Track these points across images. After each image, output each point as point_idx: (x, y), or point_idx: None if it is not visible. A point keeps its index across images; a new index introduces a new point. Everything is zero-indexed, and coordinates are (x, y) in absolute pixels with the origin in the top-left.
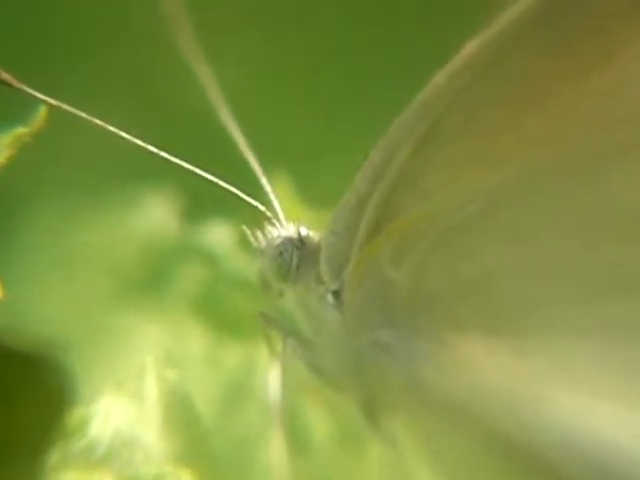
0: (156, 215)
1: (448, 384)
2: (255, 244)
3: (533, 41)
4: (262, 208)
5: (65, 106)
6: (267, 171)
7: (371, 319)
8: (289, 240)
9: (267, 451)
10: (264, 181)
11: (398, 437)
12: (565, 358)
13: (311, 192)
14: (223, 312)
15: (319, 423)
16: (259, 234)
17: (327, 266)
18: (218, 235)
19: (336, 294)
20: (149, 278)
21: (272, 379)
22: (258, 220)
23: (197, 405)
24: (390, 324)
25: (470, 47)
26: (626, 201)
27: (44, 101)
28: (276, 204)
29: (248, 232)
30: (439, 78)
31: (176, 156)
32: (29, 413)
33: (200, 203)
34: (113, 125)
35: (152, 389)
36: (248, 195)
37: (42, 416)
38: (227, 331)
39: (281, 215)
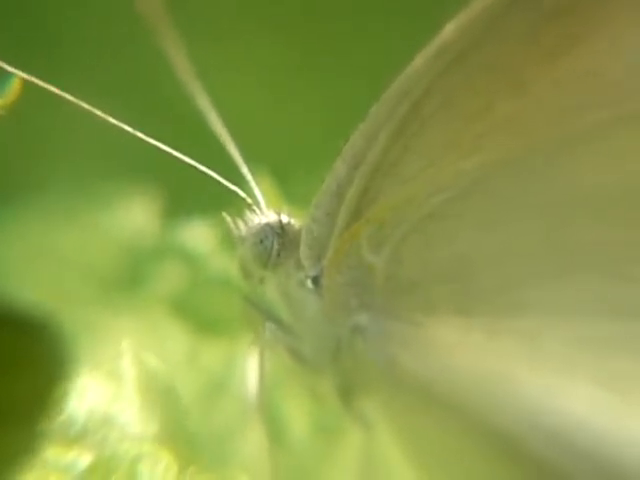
0: (136, 215)
1: (423, 367)
2: (236, 231)
3: (504, 28)
4: (242, 194)
5: (36, 80)
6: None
7: (349, 304)
8: (270, 227)
9: (246, 436)
10: (245, 169)
11: (373, 421)
12: (534, 337)
13: (295, 192)
14: (203, 311)
15: (297, 415)
16: (240, 222)
17: (307, 252)
18: (198, 235)
19: (315, 280)
20: (129, 278)
21: (250, 366)
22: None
23: (175, 387)
24: (368, 309)
25: (446, 32)
26: (591, 184)
27: (16, 74)
28: (257, 191)
29: (229, 219)
30: (417, 63)
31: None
32: (15, 389)
33: (180, 203)
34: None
35: (129, 370)
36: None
37: (30, 391)
38: (207, 330)
39: (262, 202)
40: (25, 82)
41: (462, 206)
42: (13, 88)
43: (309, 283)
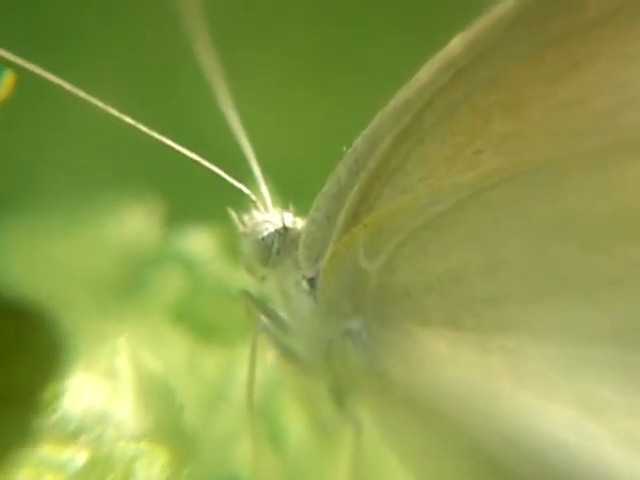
0: (136, 222)
1: (410, 376)
2: (241, 228)
3: (507, 47)
4: (247, 191)
5: (27, 65)
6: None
7: (342, 308)
8: (272, 224)
9: (245, 438)
10: (255, 167)
11: (365, 422)
12: (520, 357)
13: (300, 202)
14: (203, 319)
15: (295, 417)
16: (244, 218)
17: (305, 253)
18: (198, 242)
19: (311, 281)
20: (129, 284)
21: (250, 368)
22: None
23: (174, 388)
24: (359, 314)
25: (452, 46)
26: (578, 207)
27: (10, 66)
28: (264, 188)
29: (234, 215)
30: (422, 74)
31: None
32: (10, 386)
33: (180, 210)
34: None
35: (126, 368)
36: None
37: (25, 388)
38: (207, 337)
39: (268, 200)
40: (19, 81)
41: (456, 219)
42: (6, 83)
43: (305, 284)
